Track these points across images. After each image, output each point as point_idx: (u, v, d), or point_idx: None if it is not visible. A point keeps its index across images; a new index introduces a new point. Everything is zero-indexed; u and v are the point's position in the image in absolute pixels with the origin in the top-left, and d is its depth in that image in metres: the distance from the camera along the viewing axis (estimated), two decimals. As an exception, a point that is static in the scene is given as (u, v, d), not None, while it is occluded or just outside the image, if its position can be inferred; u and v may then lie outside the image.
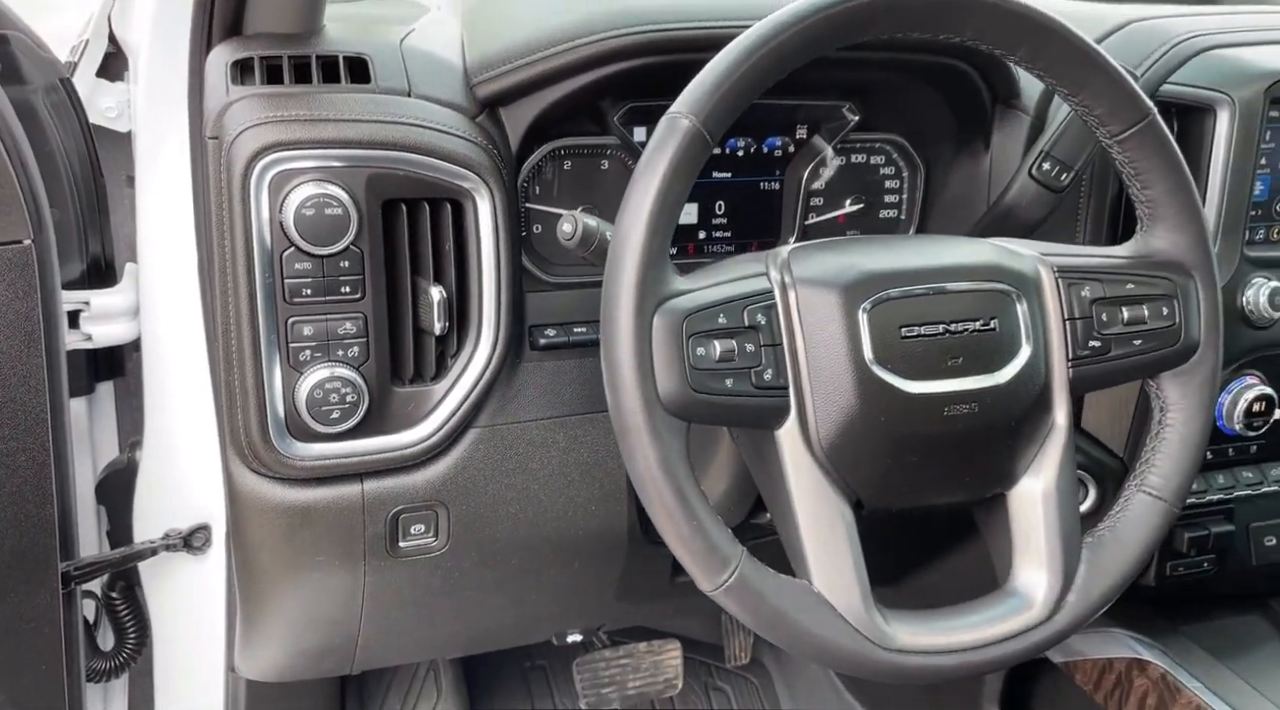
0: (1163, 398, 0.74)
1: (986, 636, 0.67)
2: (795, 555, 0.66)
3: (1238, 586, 1.03)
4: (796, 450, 0.65)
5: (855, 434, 0.65)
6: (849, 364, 0.65)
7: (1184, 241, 0.72)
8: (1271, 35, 0.94)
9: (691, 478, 0.62)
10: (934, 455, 0.68)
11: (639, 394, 0.60)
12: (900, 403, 0.65)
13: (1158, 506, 0.72)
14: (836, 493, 0.66)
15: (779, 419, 0.65)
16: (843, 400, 0.65)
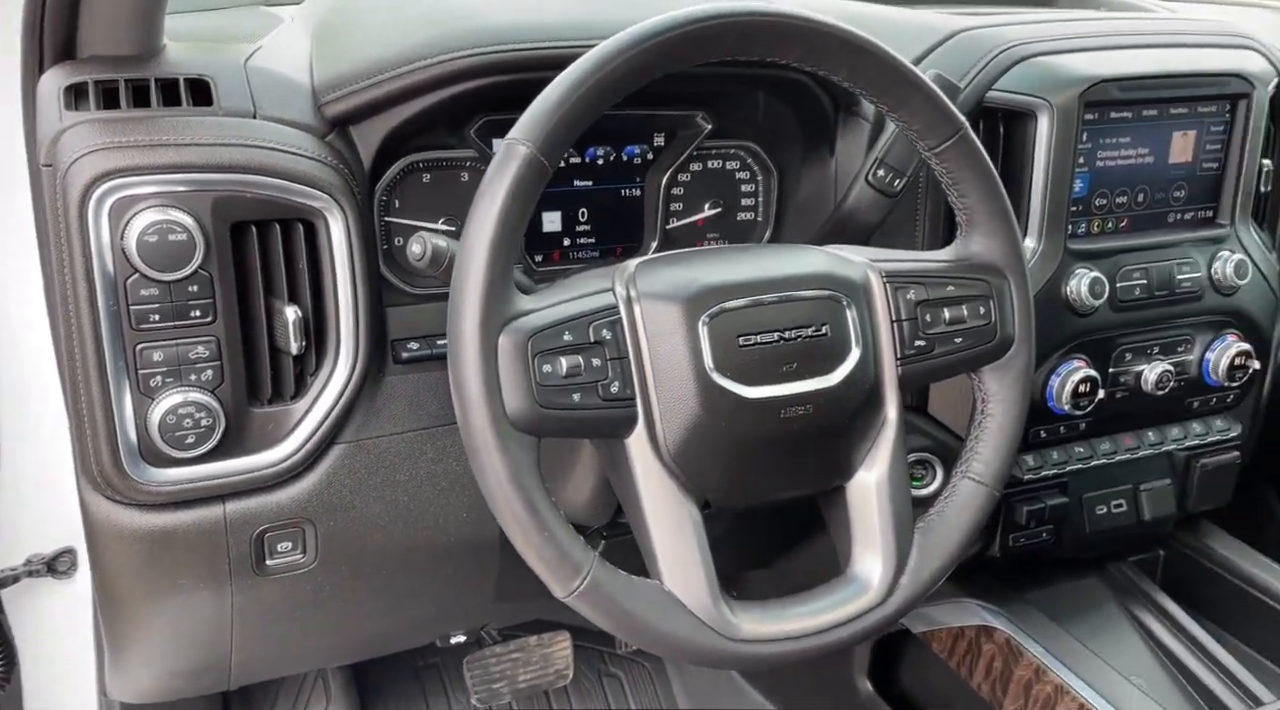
0: (984, 390, 0.80)
1: (826, 621, 0.72)
2: (648, 556, 0.70)
3: (1075, 552, 1.11)
4: (645, 457, 0.69)
5: (700, 439, 0.69)
6: (691, 373, 0.68)
7: (998, 246, 0.78)
8: (1086, 42, 1.01)
9: (542, 490, 0.65)
10: (774, 455, 0.72)
11: (486, 413, 0.62)
12: (740, 408, 0.69)
13: (981, 491, 0.78)
14: (684, 495, 0.70)
15: (627, 428, 0.68)
16: (687, 408, 0.68)
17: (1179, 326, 1.06)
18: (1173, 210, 1.07)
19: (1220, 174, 1.07)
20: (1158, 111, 1.02)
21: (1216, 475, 1.13)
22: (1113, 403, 1.05)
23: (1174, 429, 1.11)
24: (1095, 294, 0.99)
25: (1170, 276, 1.03)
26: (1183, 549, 1.18)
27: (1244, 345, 1.07)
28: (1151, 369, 1.05)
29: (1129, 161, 1.03)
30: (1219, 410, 1.13)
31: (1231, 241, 1.08)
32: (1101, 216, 1.03)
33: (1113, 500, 1.09)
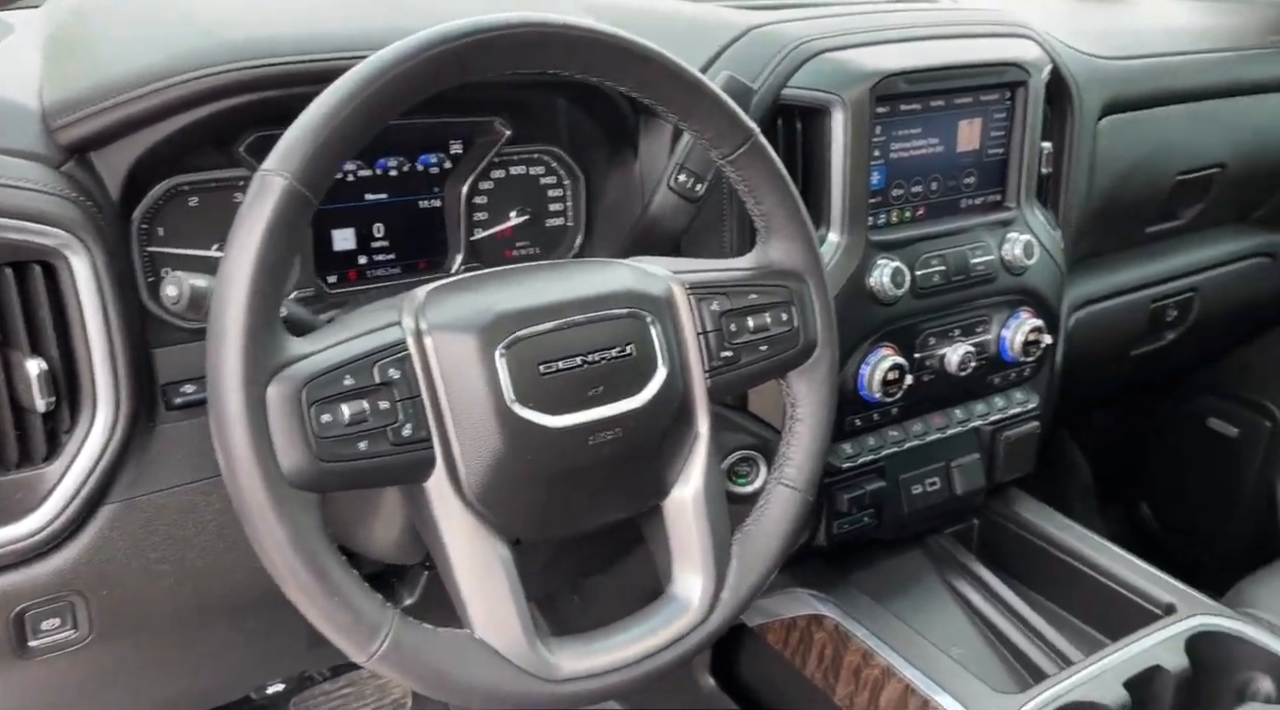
0: (792, 395, 0.80)
1: (647, 648, 0.71)
2: (456, 602, 0.66)
3: (896, 532, 1.15)
4: (446, 499, 0.65)
5: (505, 475, 0.65)
6: (491, 407, 0.65)
7: (796, 251, 0.78)
8: (875, 36, 1.03)
9: (329, 550, 0.60)
10: (585, 483, 0.70)
11: (258, 474, 0.57)
12: (545, 439, 0.66)
13: (795, 497, 0.78)
14: (492, 534, 0.66)
15: (425, 472, 0.64)
16: (488, 444, 0.65)
17: (976, 308, 1.10)
18: (964, 196, 1.11)
19: (1005, 159, 1.12)
20: (944, 102, 1.05)
21: (1020, 445, 1.19)
22: (921, 386, 1.08)
23: (979, 405, 1.16)
24: (897, 283, 1.02)
25: (965, 261, 1.07)
26: (994, 517, 1.24)
27: (1036, 321, 1.13)
28: (954, 351, 1.08)
29: (921, 152, 1.06)
30: (1017, 384, 1.19)
31: (1019, 223, 1.13)
32: (899, 207, 1.06)
33: (927, 479, 1.13)
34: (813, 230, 0.79)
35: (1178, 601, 1.06)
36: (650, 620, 0.72)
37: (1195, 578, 1.78)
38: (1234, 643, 1.00)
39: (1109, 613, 1.11)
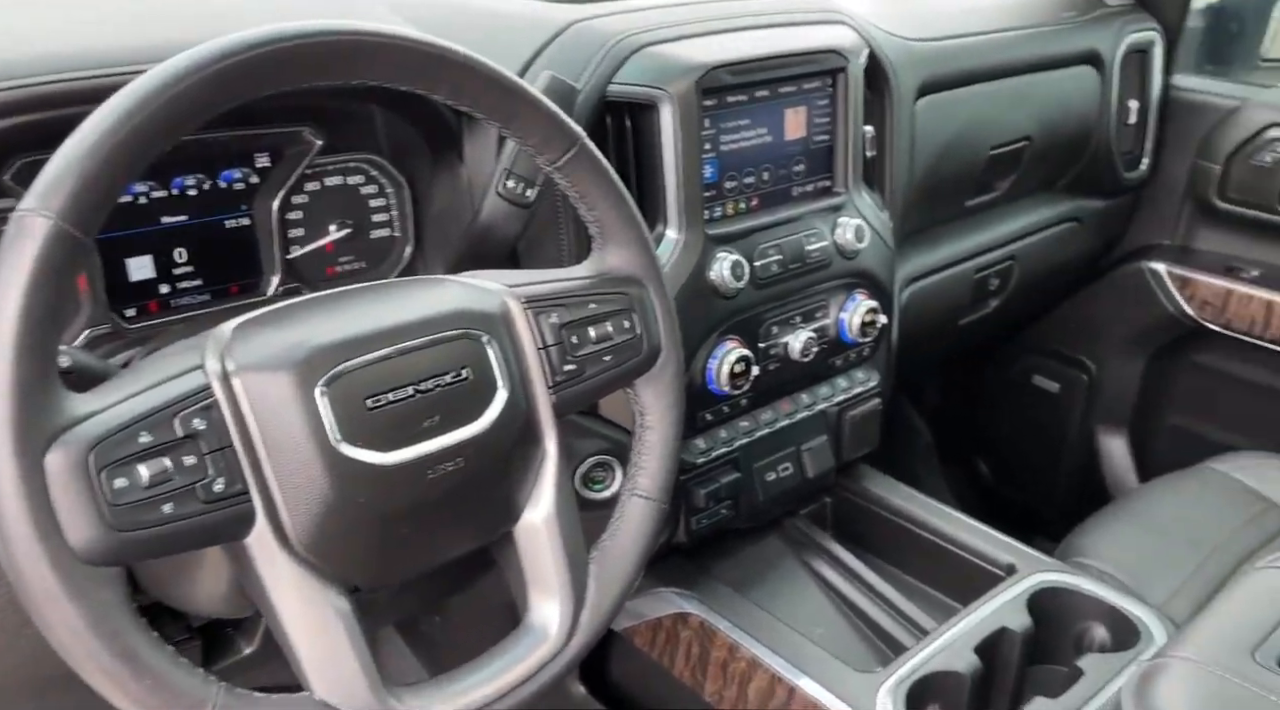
0: (640, 403, 0.78)
1: (507, 683, 0.68)
2: (293, 662, 0.61)
3: (754, 520, 1.16)
4: (272, 554, 0.59)
5: (336, 522, 0.61)
6: (315, 450, 0.60)
7: (633, 256, 0.76)
8: (697, 28, 1.02)
9: (136, 626, 0.54)
10: (427, 520, 0.66)
11: (43, 554, 0.50)
12: (379, 478, 0.62)
13: (650, 507, 0.77)
14: (326, 586, 0.61)
15: (244, 527, 0.59)
16: (315, 490, 0.60)
17: (815, 294, 1.12)
18: (795, 184, 1.12)
19: (831, 145, 1.14)
20: (769, 92, 1.06)
21: (865, 423, 1.22)
22: (767, 375, 1.09)
23: (823, 388, 1.19)
24: (737, 276, 1.02)
25: (801, 249, 1.08)
26: (845, 494, 1.27)
27: (872, 302, 1.15)
28: (796, 338, 1.10)
29: (751, 142, 1.06)
30: (858, 364, 1.21)
31: (849, 208, 1.15)
32: (734, 199, 1.06)
33: (780, 465, 1.14)
34: (648, 234, 0.78)
35: (1017, 561, 1.11)
36: (508, 653, 0.69)
37: (1035, 527, 1.91)
38: (1069, 596, 1.06)
39: (957, 578, 1.15)
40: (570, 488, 0.73)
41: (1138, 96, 1.61)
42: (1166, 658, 0.73)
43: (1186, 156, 1.63)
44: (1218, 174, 1.58)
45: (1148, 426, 1.80)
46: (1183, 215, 1.68)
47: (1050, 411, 1.89)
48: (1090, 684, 0.92)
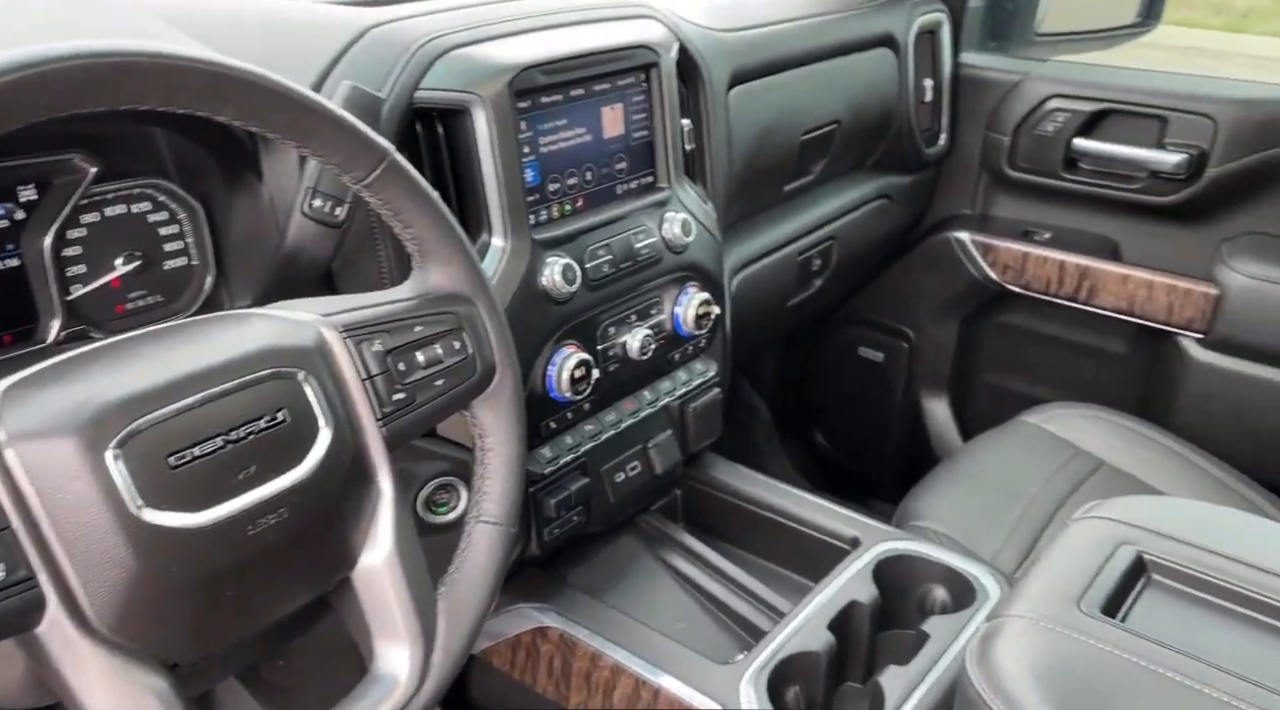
0: (479, 424, 0.75)
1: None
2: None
3: (607, 523, 1.15)
4: (70, 641, 0.53)
5: (144, 596, 0.55)
6: (112, 521, 0.53)
7: (457, 272, 0.73)
8: (506, 28, 0.98)
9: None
10: (252, 580, 0.60)
11: None
12: (191, 542, 0.56)
13: (498, 532, 0.74)
14: (138, 667, 0.55)
15: (34, 616, 0.52)
16: (117, 565, 0.54)
17: (648, 291, 1.11)
18: (619, 182, 1.11)
19: (651, 141, 1.13)
20: (584, 90, 1.04)
21: (707, 414, 1.23)
22: (608, 377, 1.08)
23: (664, 383, 1.19)
24: (569, 280, 1.00)
25: (630, 247, 1.08)
26: (694, 484, 1.28)
27: (704, 294, 1.16)
28: (634, 337, 1.09)
29: (570, 143, 1.04)
30: (696, 356, 1.22)
31: (674, 202, 1.15)
32: (559, 202, 1.04)
33: (628, 464, 1.13)
34: (471, 248, 0.74)
35: (860, 533, 1.15)
36: (357, 705, 0.65)
37: (874, 492, 2.00)
38: (910, 561, 1.10)
39: (807, 556, 1.18)
40: (409, 524, 0.69)
41: (931, 75, 1.69)
42: (1002, 617, 0.77)
43: (979, 130, 1.73)
44: (1007, 145, 1.69)
45: (965, 387, 1.91)
46: (980, 185, 1.78)
47: (877, 380, 1.98)
48: (936, 646, 0.97)
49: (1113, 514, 0.88)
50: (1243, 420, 1.53)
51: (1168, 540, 0.83)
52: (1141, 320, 1.61)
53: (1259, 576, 0.78)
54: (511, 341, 0.77)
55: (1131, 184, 1.59)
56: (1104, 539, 0.84)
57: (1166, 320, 1.58)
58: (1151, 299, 1.59)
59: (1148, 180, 1.57)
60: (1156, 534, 0.84)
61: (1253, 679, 0.68)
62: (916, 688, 0.92)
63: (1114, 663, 0.71)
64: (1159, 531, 0.84)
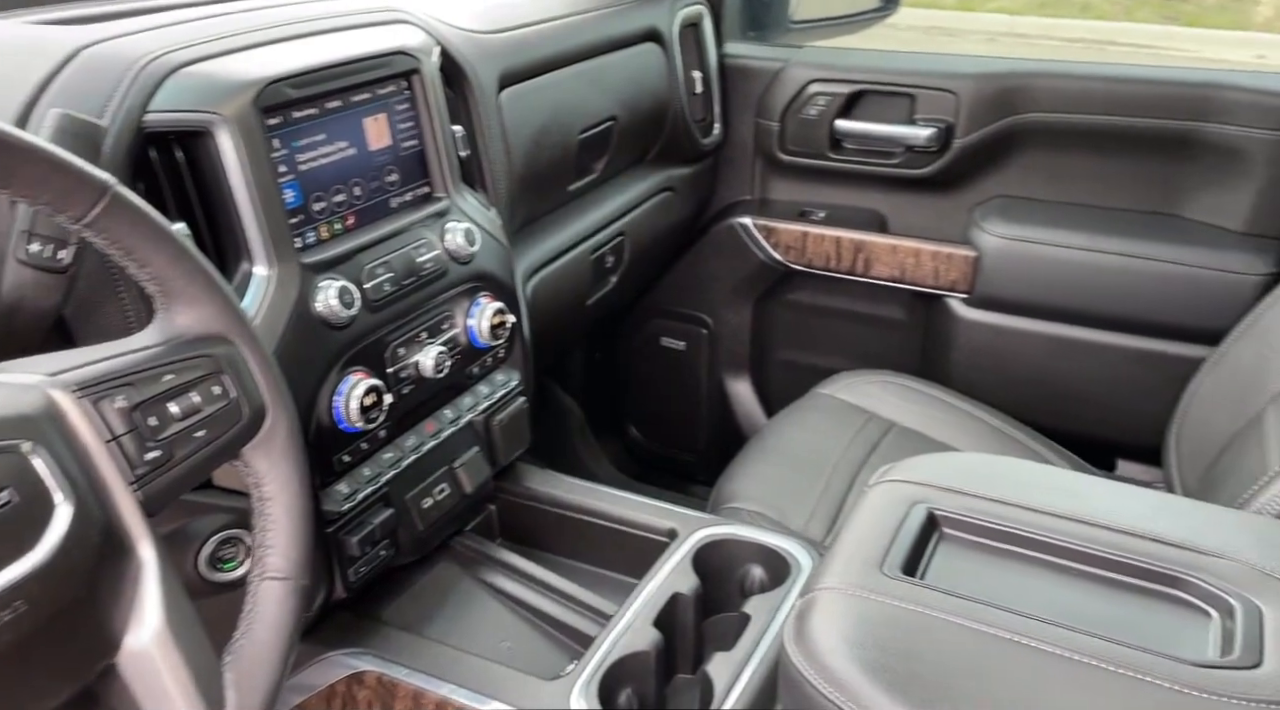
0: (254, 473, 0.69)
1: None
2: None
3: (419, 552, 1.10)
4: None
5: None
6: None
7: (207, 311, 0.66)
8: (244, 40, 0.91)
9: None
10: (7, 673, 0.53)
11: None
12: None
13: (287, 587, 0.69)
14: None
15: None
16: None
17: (437, 306, 1.07)
18: (392, 195, 1.06)
19: (422, 150, 1.09)
20: (341, 102, 0.98)
21: (514, 425, 1.20)
22: (403, 400, 1.03)
23: (466, 399, 1.15)
24: (347, 303, 0.94)
25: (412, 262, 1.03)
26: (508, 497, 1.25)
27: (497, 304, 1.13)
28: (426, 356, 1.04)
29: (333, 158, 0.98)
30: (495, 367, 1.19)
31: (454, 212, 1.11)
32: (326, 221, 0.97)
33: (435, 488, 1.09)
34: (221, 281, 0.68)
35: (677, 524, 1.16)
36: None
37: (693, 478, 2.03)
38: (726, 545, 1.12)
39: (628, 554, 1.18)
40: (180, 592, 0.62)
41: (699, 67, 1.73)
42: (814, 592, 0.79)
43: (749, 117, 1.79)
44: (776, 130, 1.75)
45: (764, 366, 1.98)
46: (756, 171, 1.84)
47: (682, 369, 2.01)
48: (758, 627, 0.99)
49: (904, 475, 0.92)
50: (1009, 370, 1.66)
51: (955, 494, 0.88)
52: (913, 286, 1.72)
53: (1039, 518, 0.84)
54: (281, 378, 0.71)
55: (891, 159, 1.69)
56: (898, 500, 0.88)
57: (934, 284, 1.69)
58: (919, 265, 1.69)
59: (904, 154, 1.67)
60: (945, 490, 0.89)
61: (1043, 617, 0.73)
62: (742, 671, 0.93)
63: (918, 620, 0.74)
64: (947, 487, 0.89)
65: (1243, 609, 0.73)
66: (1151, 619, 0.75)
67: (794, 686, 0.74)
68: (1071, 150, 1.59)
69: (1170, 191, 1.55)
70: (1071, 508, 0.85)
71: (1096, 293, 1.56)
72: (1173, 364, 1.48)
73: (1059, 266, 1.57)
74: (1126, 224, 1.55)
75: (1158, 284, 1.51)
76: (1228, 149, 1.47)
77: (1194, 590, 0.77)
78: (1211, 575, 0.76)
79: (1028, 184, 1.64)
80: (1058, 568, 0.81)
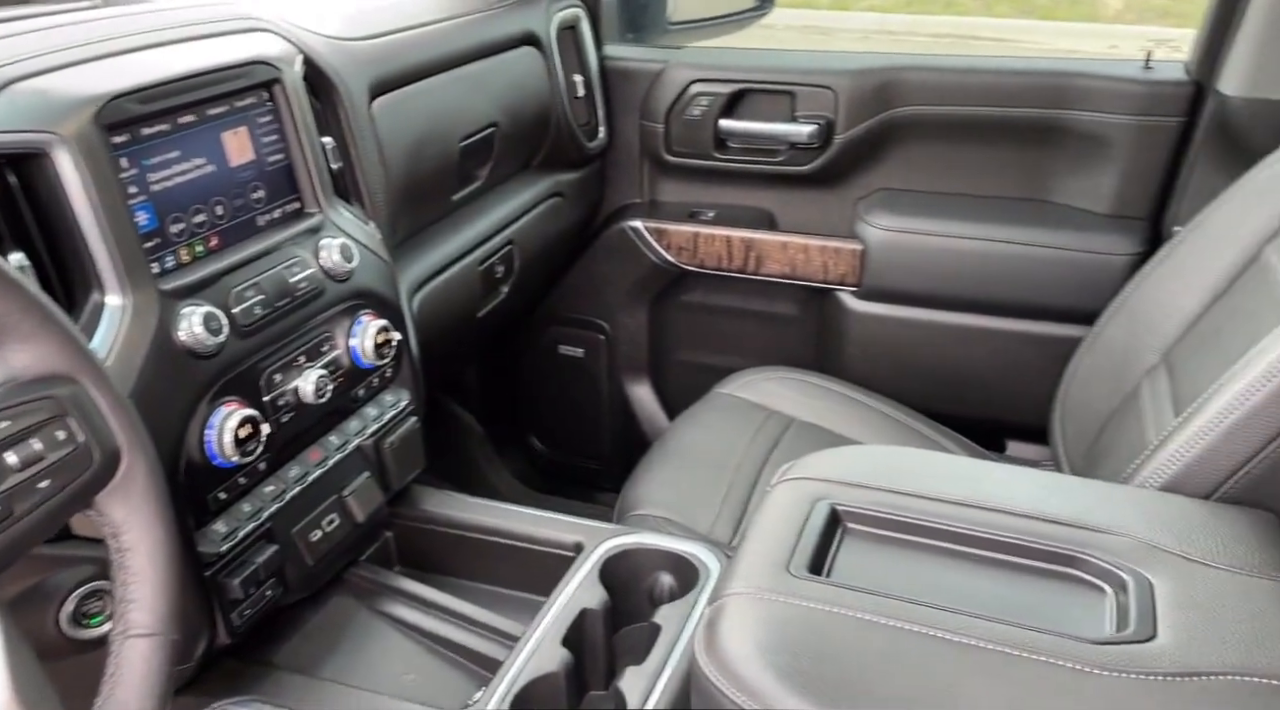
0: (110, 522, 0.64)
1: None
2: None
3: (310, 587, 1.05)
4: None
5: None
6: None
7: (47, 348, 0.60)
8: (87, 52, 0.85)
9: None
10: None
11: None
12: None
13: (153, 643, 0.63)
14: None
15: None
16: None
17: (315, 327, 1.02)
18: (259, 213, 1.00)
19: (289, 164, 1.03)
20: (195, 116, 0.92)
21: (406, 446, 1.16)
22: (283, 429, 0.97)
23: (353, 423, 1.09)
24: (214, 329, 0.88)
25: (284, 282, 0.97)
26: (404, 523, 1.20)
27: (380, 321, 1.08)
28: (306, 380, 0.99)
29: (190, 176, 0.91)
30: (384, 387, 1.14)
31: (328, 227, 1.06)
32: (186, 244, 0.91)
33: (323, 519, 1.03)
34: (62, 316, 0.62)
35: (582, 537, 1.13)
36: None
37: (599, 486, 2.00)
38: (633, 554, 1.10)
39: (534, 571, 1.14)
40: (28, 660, 0.56)
41: (580, 70, 1.71)
42: (723, 599, 0.77)
43: (634, 119, 1.78)
44: (661, 132, 1.75)
45: (663, 369, 1.97)
46: (644, 173, 1.83)
47: (581, 376, 1.98)
48: (669, 637, 0.97)
49: (805, 473, 0.91)
50: (900, 360, 1.69)
51: (855, 488, 0.88)
52: (804, 282, 1.73)
53: (938, 507, 0.84)
54: (136, 416, 0.65)
55: (775, 157, 1.70)
56: (801, 498, 0.87)
57: (824, 279, 1.71)
58: (809, 261, 1.71)
59: (788, 152, 1.69)
60: (845, 484, 0.89)
61: (948, 606, 0.73)
62: (655, 685, 0.91)
63: (827, 620, 0.73)
64: (847, 481, 0.89)
65: (1134, 582, 0.75)
66: (1051, 599, 0.77)
67: (707, 698, 0.72)
68: (946, 141, 1.62)
69: (1041, 177, 1.60)
70: (967, 494, 0.85)
71: (978, 279, 1.60)
72: (1054, 345, 1.53)
73: (940, 255, 1.60)
74: (1002, 211, 1.60)
75: (1034, 267, 1.56)
76: (1090, 135, 1.53)
77: (1088, 567, 0.78)
78: (1103, 551, 0.78)
79: (908, 176, 1.68)
80: (959, 555, 0.82)
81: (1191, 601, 0.73)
